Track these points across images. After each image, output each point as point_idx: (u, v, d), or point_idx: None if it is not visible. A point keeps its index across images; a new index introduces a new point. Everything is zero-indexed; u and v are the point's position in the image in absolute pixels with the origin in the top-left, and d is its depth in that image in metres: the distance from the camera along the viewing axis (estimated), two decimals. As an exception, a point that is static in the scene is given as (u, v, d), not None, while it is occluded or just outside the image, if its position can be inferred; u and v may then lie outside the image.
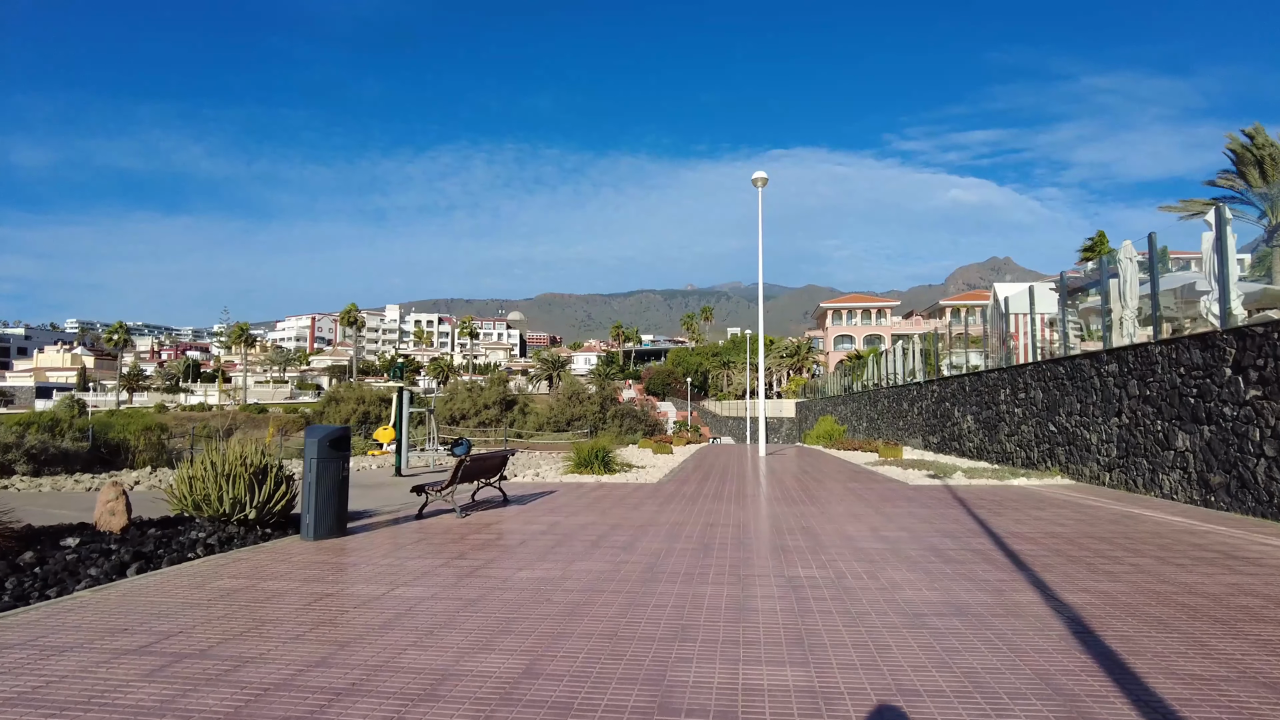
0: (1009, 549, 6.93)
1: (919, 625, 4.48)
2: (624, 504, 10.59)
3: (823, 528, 8.32)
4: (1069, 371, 13.81)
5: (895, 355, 30.16)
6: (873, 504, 10.52)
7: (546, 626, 4.48)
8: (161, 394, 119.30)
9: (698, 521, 8.81)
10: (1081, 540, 7.35)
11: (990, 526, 8.31)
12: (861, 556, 6.62)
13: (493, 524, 8.75)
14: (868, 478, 14.82)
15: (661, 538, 7.65)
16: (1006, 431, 16.87)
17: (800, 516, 9.26)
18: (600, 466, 15.04)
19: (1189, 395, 10.11)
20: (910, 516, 9.23)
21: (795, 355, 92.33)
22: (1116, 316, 12.82)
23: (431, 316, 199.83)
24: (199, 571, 6.13)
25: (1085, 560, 6.36)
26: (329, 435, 7.85)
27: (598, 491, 12.33)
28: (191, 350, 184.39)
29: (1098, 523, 8.53)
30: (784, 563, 6.34)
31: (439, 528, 8.49)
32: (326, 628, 4.49)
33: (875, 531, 8.05)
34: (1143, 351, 11.27)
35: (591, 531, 8.09)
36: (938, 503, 10.57)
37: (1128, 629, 4.36)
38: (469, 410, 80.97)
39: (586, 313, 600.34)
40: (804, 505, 10.41)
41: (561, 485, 13.44)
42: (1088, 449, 13.03)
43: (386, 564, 6.41)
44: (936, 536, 7.70)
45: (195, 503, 7.78)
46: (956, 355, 23.73)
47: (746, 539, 7.58)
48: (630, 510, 9.86)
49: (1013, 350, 18.18)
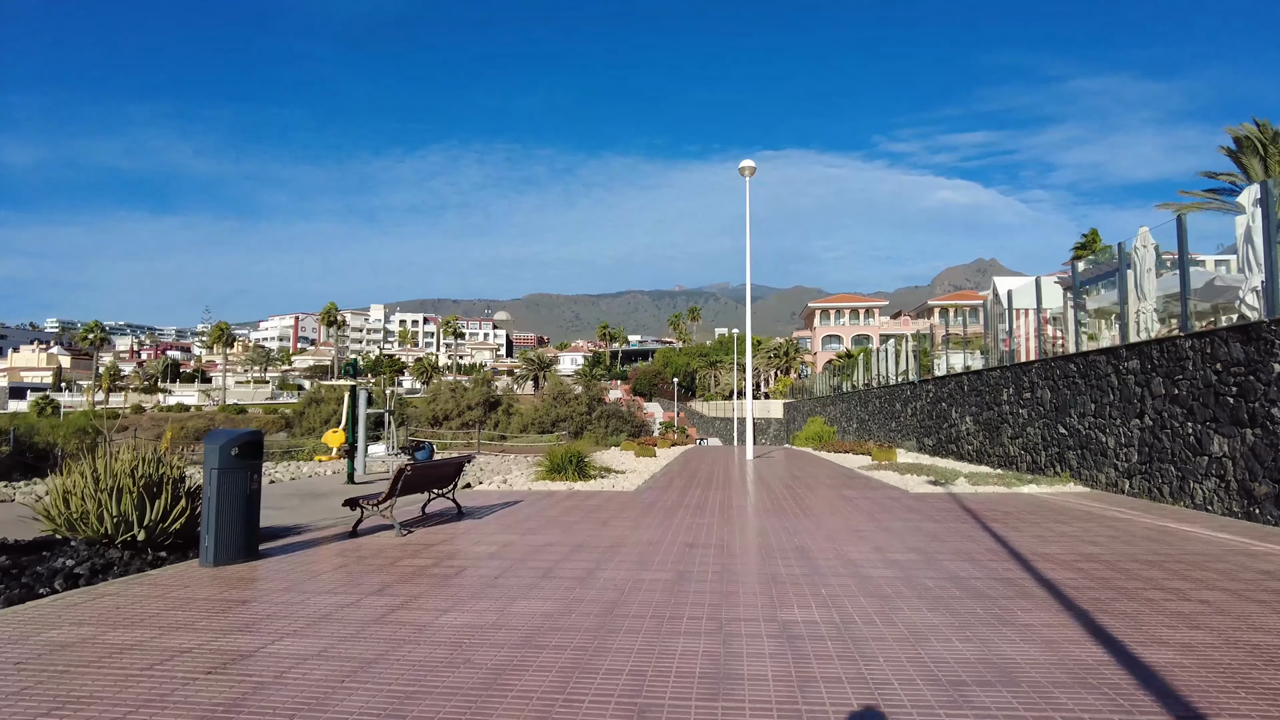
0: (1044, 577, 5.77)
1: (960, 701, 3.30)
2: (594, 518, 9.37)
3: (819, 548, 7.14)
4: (1082, 369, 12.72)
5: (887, 354, 29.10)
6: (873, 516, 9.36)
7: (451, 710, 3.26)
8: (139, 394, 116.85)
9: (675, 540, 7.61)
10: (1126, 565, 6.21)
11: (1012, 545, 7.16)
12: (869, 589, 5.44)
13: (436, 544, 7.50)
14: (863, 484, 13.68)
15: (630, 563, 6.44)
16: (1010, 434, 15.78)
17: (792, 533, 8.07)
18: (574, 473, 13.81)
19: (1227, 394, 9.01)
20: (918, 533, 8.07)
21: (783, 355, 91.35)
22: (1134, 310, 11.74)
23: (416, 316, 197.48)
24: (38, 615, 4.85)
25: (1142, 594, 5.20)
26: (234, 441, 6.58)
27: (568, 502, 11.11)
28: (173, 350, 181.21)
29: (1135, 540, 7.40)
30: (776, 600, 5.15)
31: (370, 549, 7.24)
32: (150, 711, 3.25)
33: (881, 553, 6.87)
34: (1170, 346, 10.17)
35: (548, 555, 6.87)
36: (945, 514, 9.42)
37: (1250, 710, 3.19)
38: (452, 411, 79.53)
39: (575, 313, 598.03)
40: (796, 518, 9.23)
41: (529, 494, 12.21)
42: (1103, 453, 11.94)
43: (284, 601, 5.16)
44: (953, 559, 6.54)
45: (70, 521, 6.49)
46: (954, 355, 22.66)
47: (731, 565, 6.38)
48: (599, 526, 8.64)
49: (1015, 347, 17.10)
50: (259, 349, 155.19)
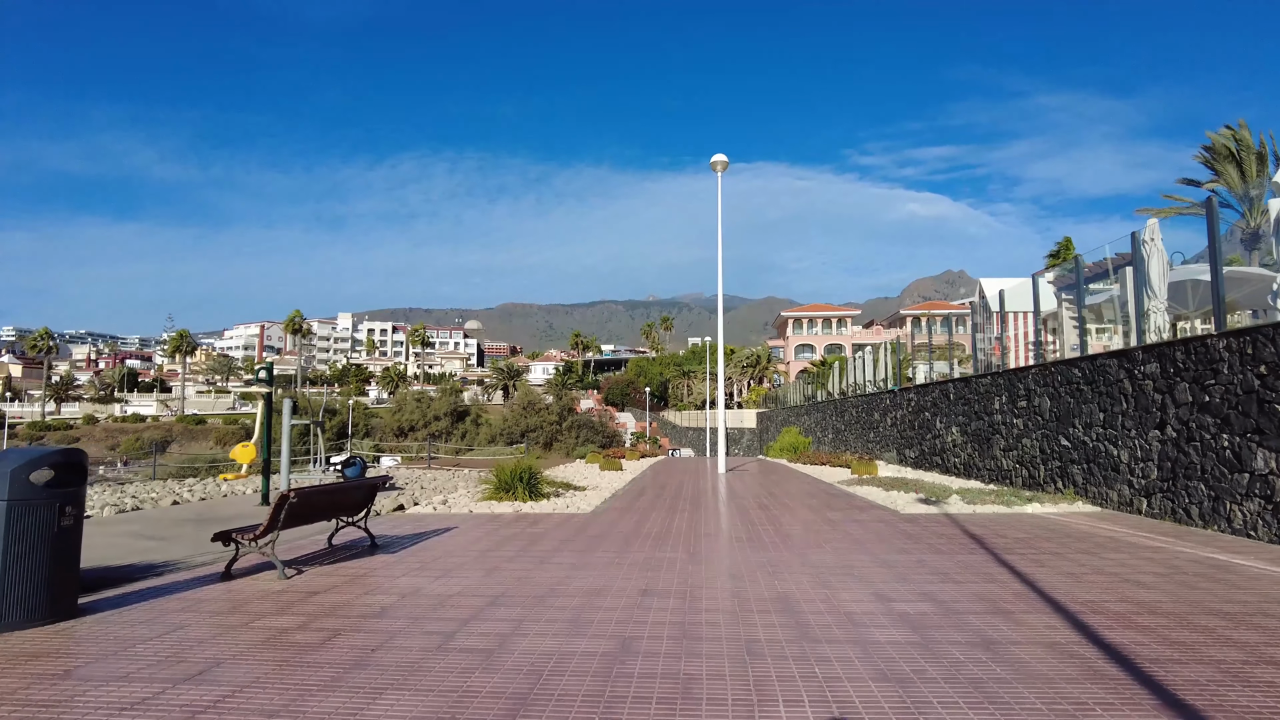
0: (1103, 641, 4.35)
1: None
2: (532, 551, 7.80)
3: (806, 595, 5.66)
4: (1088, 374, 11.46)
5: (864, 361, 27.91)
6: (864, 545, 7.92)
7: None
8: (94, 404, 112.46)
9: (625, 586, 6.08)
10: (1200, 620, 4.81)
11: (1043, 588, 5.75)
12: (880, 665, 3.97)
13: (321, 592, 5.90)
14: (846, 502, 12.28)
15: (560, 625, 4.90)
16: (1003, 445, 14.51)
17: (772, 571, 6.59)
18: (524, 492, 12.22)
19: (1275, 401, 7.73)
20: (923, 569, 6.63)
21: (756, 365, 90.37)
22: (1149, 308, 10.52)
23: (385, 325, 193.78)
24: None
25: (1254, 675, 3.79)
26: (35, 463, 4.94)
27: (510, 528, 9.53)
28: (134, 359, 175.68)
29: (1190, 581, 6.03)
30: (754, 691, 3.65)
31: (233, 601, 5.62)
32: None
33: (884, 602, 5.41)
34: (1199, 347, 8.90)
35: (456, 610, 5.30)
36: (949, 543, 8.01)
37: None
38: (418, 421, 77.32)
39: (548, 323, 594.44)
40: (775, 549, 7.76)
41: (469, 518, 10.61)
42: (1114, 468, 10.66)
43: (45, 699, 3.55)
44: (978, 610, 5.10)
45: None
46: (937, 364, 21.47)
47: (694, 626, 4.86)
48: (534, 564, 7.07)
49: (1006, 350, 15.90)
50: (222, 358, 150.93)
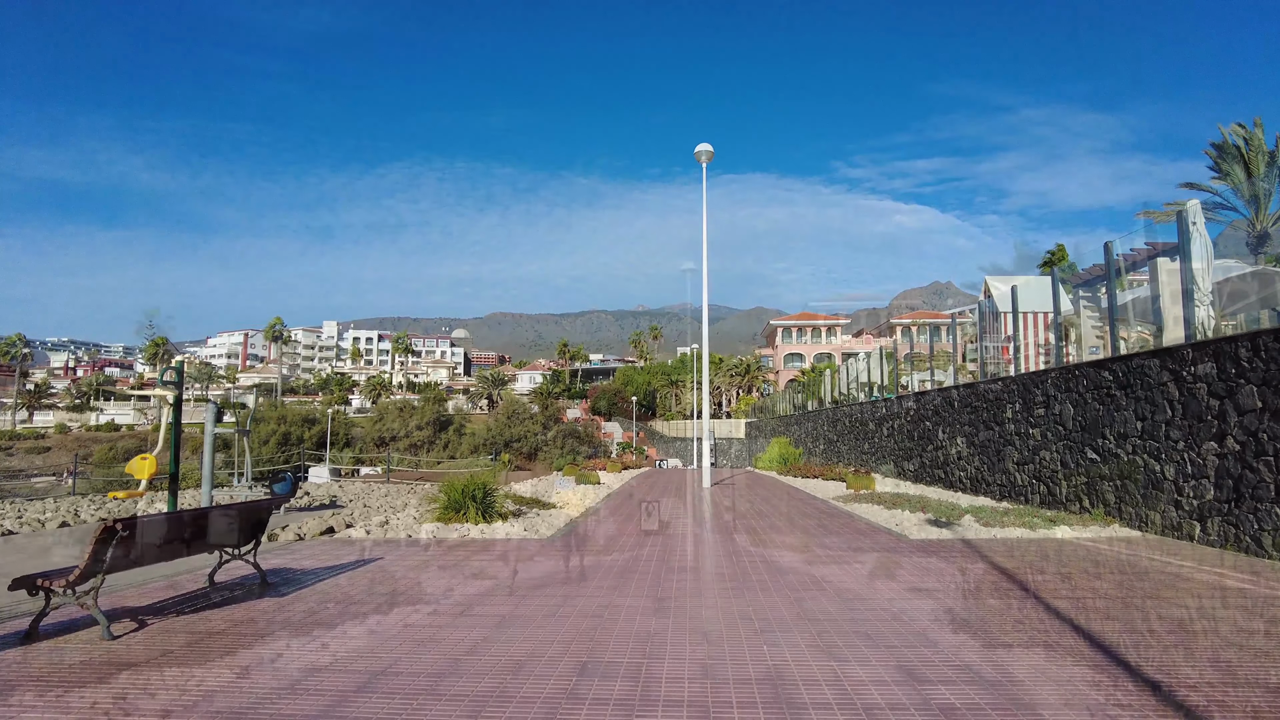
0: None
1: None
2: (458, 594, 6.18)
3: (807, 673, 4.09)
4: (1121, 378, 9.99)
5: (858, 368, 26.47)
6: (877, 588, 6.36)
7: None
8: (68, 413, 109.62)
9: (558, 655, 4.48)
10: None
11: (1134, 665, 4.21)
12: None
13: (138, 665, 4.28)
14: (844, 523, 10.74)
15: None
16: (1016, 459, 13.01)
17: (760, 631, 5.02)
18: (476, 512, 10.60)
19: (1382, 407, 6.26)
20: (954, 624, 5.08)
21: (745, 373, 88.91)
22: (1194, 298, 9.08)
23: (371, 333, 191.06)
24: None
25: None
26: None
27: (445, 559, 7.91)
28: (114, 367, 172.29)
29: (1316, 645, 4.51)
30: None
31: (13, 677, 4.00)
32: None
33: (916, 685, 3.85)
34: (1272, 343, 7.44)
35: (304, 704, 3.70)
36: (980, 583, 6.46)
37: None
38: (399, 431, 75.19)
39: (537, 332, 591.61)
40: (764, 593, 6.19)
41: (404, 545, 8.98)
42: (1157, 486, 9.17)
43: None
44: (1051, 704, 3.56)
45: None
46: (939, 372, 20.03)
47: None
48: (451, 618, 5.45)
49: (1017, 353, 14.45)
50: (203, 365, 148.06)
